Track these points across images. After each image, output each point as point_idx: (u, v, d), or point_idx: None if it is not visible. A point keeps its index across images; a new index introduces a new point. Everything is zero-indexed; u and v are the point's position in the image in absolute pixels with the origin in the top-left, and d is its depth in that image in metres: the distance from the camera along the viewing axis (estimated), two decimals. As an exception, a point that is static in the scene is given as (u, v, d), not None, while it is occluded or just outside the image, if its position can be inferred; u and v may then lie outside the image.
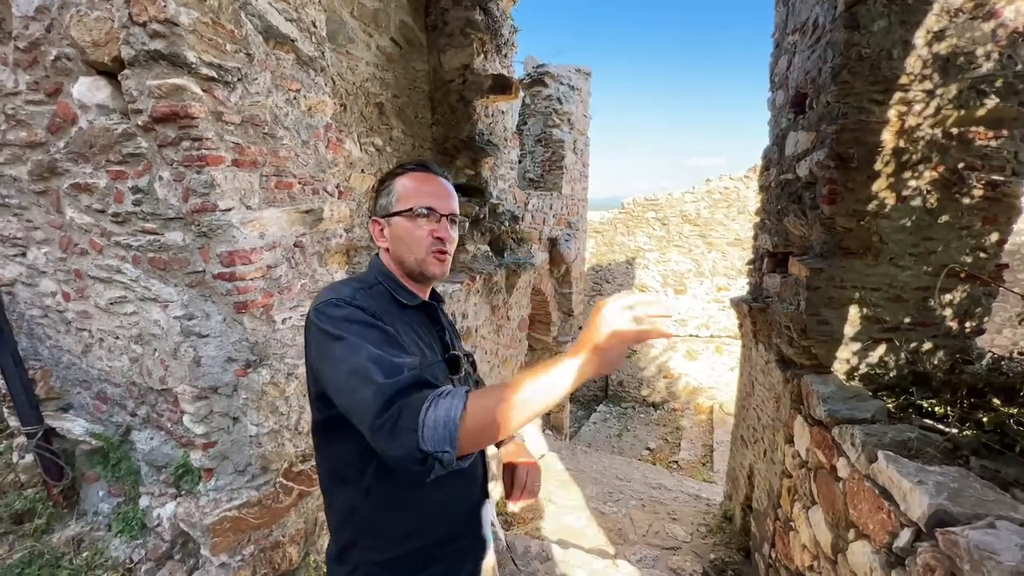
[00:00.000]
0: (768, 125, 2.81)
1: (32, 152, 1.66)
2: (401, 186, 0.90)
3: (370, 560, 0.86)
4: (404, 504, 0.85)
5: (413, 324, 0.90)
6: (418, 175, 0.92)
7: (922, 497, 1.15)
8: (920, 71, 1.69)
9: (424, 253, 0.89)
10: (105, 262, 1.67)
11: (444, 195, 0.92)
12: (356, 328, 0.76)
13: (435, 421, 0.65)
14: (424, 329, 0.93)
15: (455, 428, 0.65)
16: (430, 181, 0.91)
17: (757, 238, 2.94)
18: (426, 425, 0.65)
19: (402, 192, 0.90)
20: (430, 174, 0.93)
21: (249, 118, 1.51)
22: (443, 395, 0.68)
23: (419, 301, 0.93)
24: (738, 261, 8.85)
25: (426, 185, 0.90)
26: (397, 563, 0.86)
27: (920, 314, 1.88)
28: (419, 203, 0.88)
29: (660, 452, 7.50)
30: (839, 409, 1.68)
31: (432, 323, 0.97)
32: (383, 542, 0.85)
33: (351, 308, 0.79)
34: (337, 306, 0.79)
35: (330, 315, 0.78)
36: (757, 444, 2.90)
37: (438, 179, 0.93)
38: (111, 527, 1.81)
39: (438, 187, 0.92)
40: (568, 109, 5.99)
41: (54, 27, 1.45)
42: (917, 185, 1.77)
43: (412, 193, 0.89)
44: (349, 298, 0.80)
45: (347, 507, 0.86)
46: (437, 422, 0.65)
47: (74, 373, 1.99)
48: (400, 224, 0.89)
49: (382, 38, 3.08)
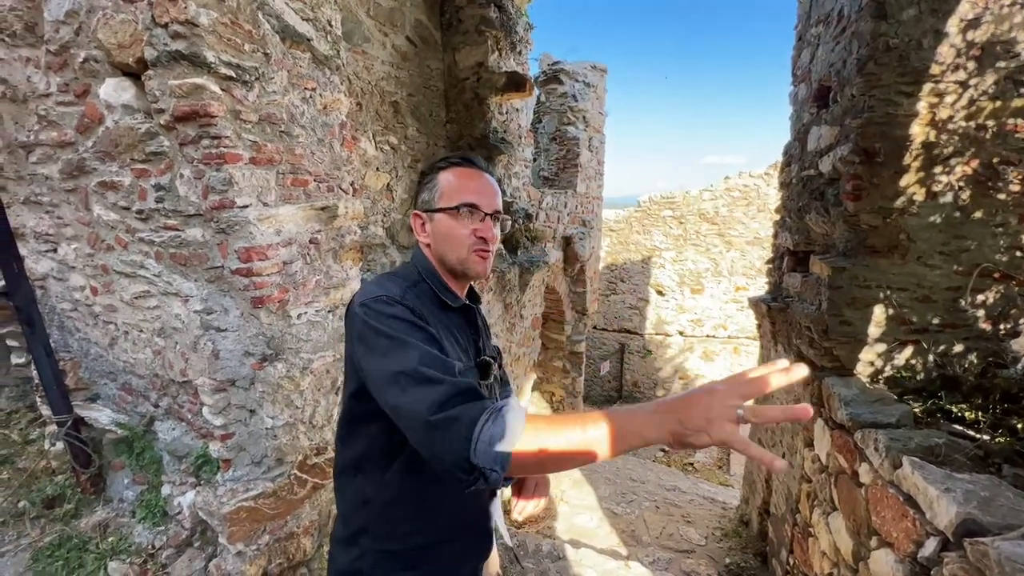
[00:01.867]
0: (789, 120, 2.73)
1: (62, 151, 1.72)
2: (445, 181, 0.88)
3: (379, 549, 0.87)
4: (418, 500, 0.85)
5: (452, 327, 0.89)
6: (462, 170, 0.89)
7: (949, 505, 1.10)
8: (953, 61, 1.62)
9: (466, 252, 0.87)
10: (130, 257, 1.72)
11: (488, 192, 0.89)
12: (405, 327, 0.75)
13: (491, 438, 0.63)
14: (461, 332, 0.92)
15: (509, 453, 0.63)
16: (474, 177, 0.89)
17: (777, 236, 2.86)
18: (480, 439, 0.63)
19: (446, 188, 0.87)
20: (474, 169, 0.90)
21: (266, 116, 1.54)
22: (503, 411, 0.65)
23: (461, 303, 0.92)
24: (757, 260, 8.65)
25: (470, 181, 0.88)
26: (404, 555, 0.86)
27: (950, 315, 1.80)
28: (463, 200, 0.86)
29: (675, 454, 7.39)
30: (862, 413, 1.62)
31: (469, 326, 0.95)
32: (393, 533, 0.86)
33: (400, 307, 0.77)
34: (388, 303, 0.77)
35: (379, 311, 0.76)
36: (775, 447, 2.83)
37: (482, 175, 0.90)
38: (135, 514, 1.87)
39: (482, 184, 0.89)
40: (583, 106, 5.94)
41: (82, 30, 1.50)
42: (948, 180, 1.70)
43: (456, 189, 0.87)
44: (400, 296, 0.79)
45: (361, 497, 0.87)
46: (493, 440, 0.63)
47: (101, 365, 2.07)
48: (443, 221, 0.87)
49: (397, 37, 3.10)
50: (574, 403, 6.50)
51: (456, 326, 0.91)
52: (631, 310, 9.73)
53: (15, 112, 1.78)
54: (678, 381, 9.44)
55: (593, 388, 9.80)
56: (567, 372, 6.41)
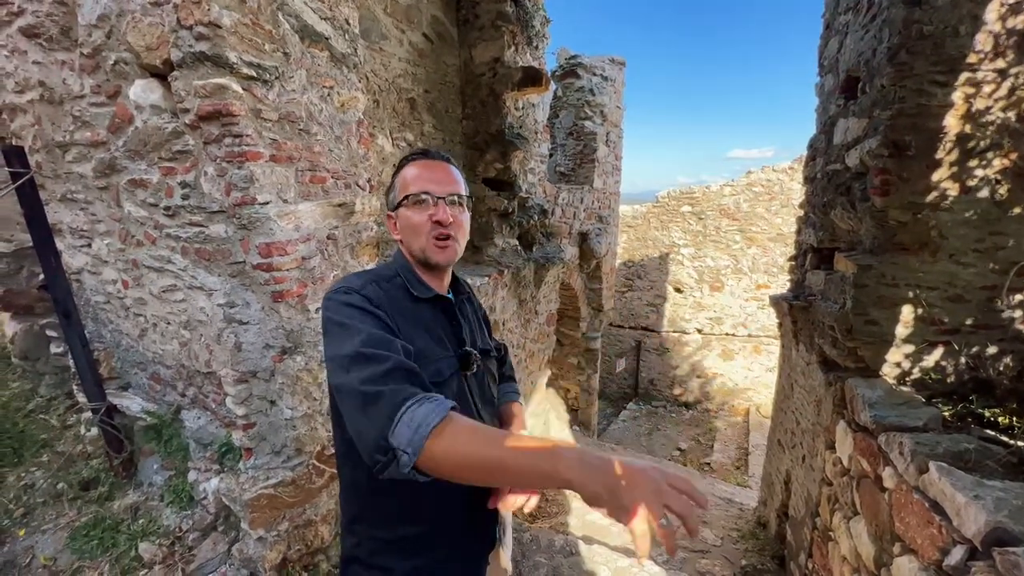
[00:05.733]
0: (815, 112, 2.64)
1: (95, 151, 1.80)
2: (402, 177, 0.92)
3: (372, 536, 0.88)
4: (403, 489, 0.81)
5: (425, 319, 0.90)
6: (418, 163, 0.92)
7: (978, 513, 1.06)
8: (992, 49, 1.53)
9: (425, 240, 0.89)
10: (158, 252, 1.79)
11: (442, 178, 0.90)
12: (356, 314, 0.79)
13: (411, 420, 0.65)
14: (437, 323, 0.93)
15: (423, 437, 0.64)
16: (429, 166, 0.91)
17: (800, 233, 2.78)
18: (402, 421, 0.65)
19: (402, 182, 0.91)
20: (429, 160, 0.92)
21: (286, 115, 1.57)
22: (431, 400, 0.68)
23: (432, 295, 0.93)
24: (780, 257, 8.41)
25: (424, 171, 0.90)
26: (397, 543, 0.87)
27: (984, 315, 1.72)
28: (416, 189, 0.88)
29: (691, 453, 7.29)
30: (887, 415, 1.57)
31: (447, 317, 0.95)
32: (382, 520, 0.88)
33: (356, 295, 0.81)
34: (345, 293, 0.82)
35: (336, 301, 0.81)
36: (795, 449, 2.76)
37: (438, 163, 0.92)
38: (163, 498, 1.96)
39: (436, 171, 0.91)
40: (601, 101, 5.86)
41: (113, 33, 1.56)
42: (984, 174, 1.61)
43: (411, 181, 0.90)
44: (358, 287, 0.83)
45: (353, 483, 0.89)
46: (412, 422, 0.65)
47: (132, 355, 2.16)
48: (403, 213, 0.90)
49: (414, 34, 3.11)
50: (589, 400, 6.48)
51: (429, 317, 0.92)
52: (648, 307, 9.60)
53: (52, 113, 1.87)
54: (695, 379, 9.29)
55: (609, 385, 9.73)
56: (582, 369, 6.39)
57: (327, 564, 1.89)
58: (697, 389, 9.26)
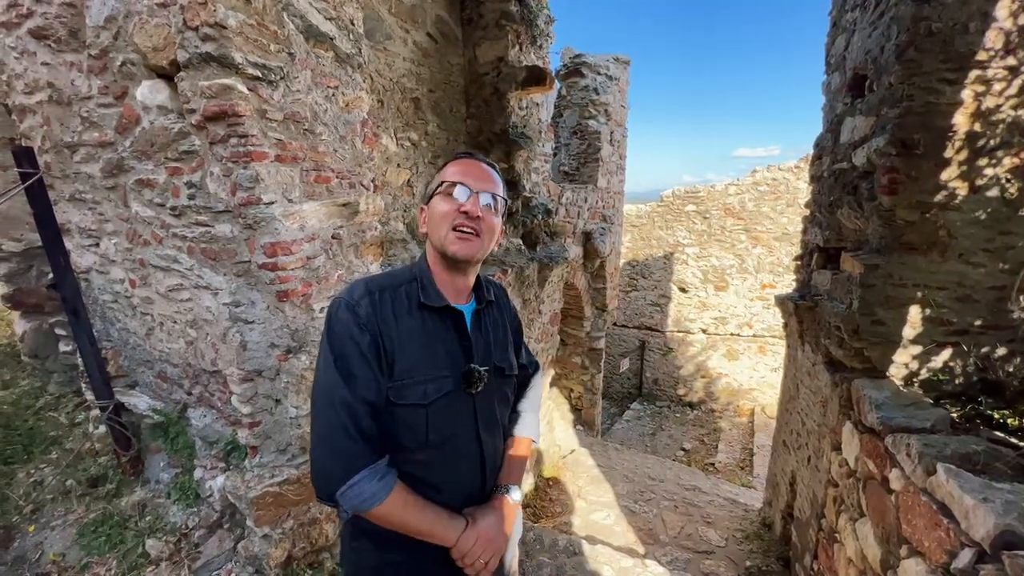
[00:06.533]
0: (822, 111, 2.61)
1: (103, 151, 1.82)
2: (442, 171, 0.93)
3: (352, 522, 0.92)
4: None
5: (427, 330, 0.88)
6: (461, 160, 0.93)
7: (987, 516, 1.05)
8: (1002, 46, 1.51)
9: (446, 230, 0.86)
10: (164, 252, 1.80)
11: (481, 175, 0.90)
12: (344, 348, 0.82)
13: (358, 494, 0.79)
14: (442, 336, 0.90)
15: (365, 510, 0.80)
16: (471, 164, 0.92)
17: (806, 232, 2.76)
18: (351, 490, 0.79)
19: (441, 175, 0.92)
20: (473, 159, 0.94)
21: (290, 115, 1.58)
22: (379, 477, 0.80)
23: (443, 304, 0.89)
24: (785, 257, 8.35)
25: (464, 167, 0.91)
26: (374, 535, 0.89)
27: (994, 316, 1.70)
28: (452, 178, 0.89)
29: (696, 453, 7.26)
30: (894, 416, 1.56)
31: (458, 331, 0.91)
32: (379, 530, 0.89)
33: (349, 315, 0.83)
34: (345, 309, 0.84)
35: (335, 318, 0.84)
36: (801, 450, 2.74)
37: (479, 163, 0.93)
38: (170, 495, 1.97)
39: (476, 168, 0.91)
40: (605, 100, 5.83)
41: (120, 35, 1.58)
42: (994, 173, 1.59)
43: (449, 175, 0.90)
44: (356, 300, 0.84)
45: None
46: (358, 496, 0.79)
47: (139, 354, 2.18)
48: (433, 203, 0.90)
49: (418, 33, 3.12)
50: (593, 399, 6.47)
51: (435, 330, 0.89)
52: (652, 307, 9.57)
53: (61, 114, 1.88)
54: (700, 379, 9.25)
55: (613, 385, 9.71)
56: (586, 368, 6.37)
57: (331, 562, 1.90)
58: (701, 389, 9.22)
